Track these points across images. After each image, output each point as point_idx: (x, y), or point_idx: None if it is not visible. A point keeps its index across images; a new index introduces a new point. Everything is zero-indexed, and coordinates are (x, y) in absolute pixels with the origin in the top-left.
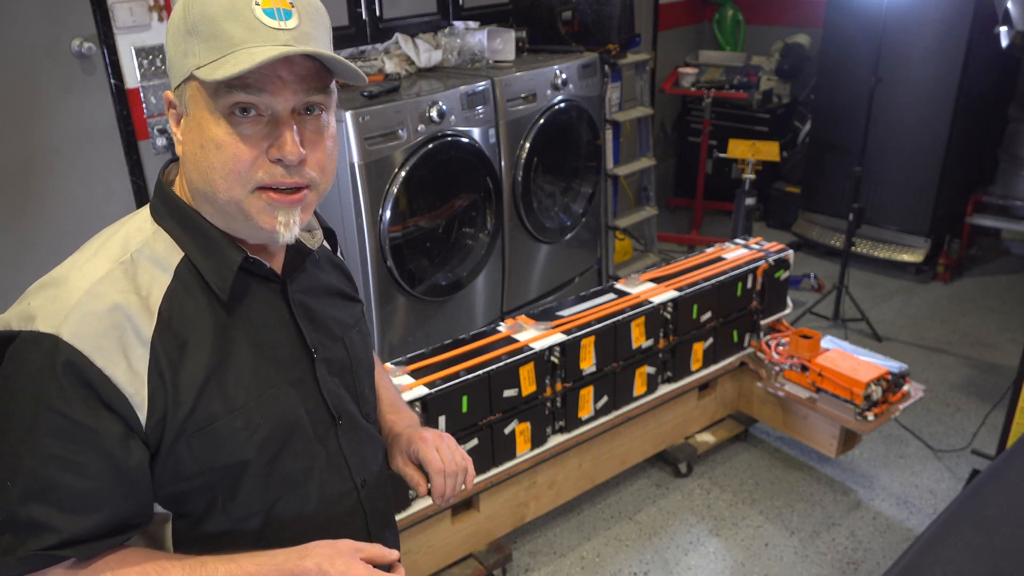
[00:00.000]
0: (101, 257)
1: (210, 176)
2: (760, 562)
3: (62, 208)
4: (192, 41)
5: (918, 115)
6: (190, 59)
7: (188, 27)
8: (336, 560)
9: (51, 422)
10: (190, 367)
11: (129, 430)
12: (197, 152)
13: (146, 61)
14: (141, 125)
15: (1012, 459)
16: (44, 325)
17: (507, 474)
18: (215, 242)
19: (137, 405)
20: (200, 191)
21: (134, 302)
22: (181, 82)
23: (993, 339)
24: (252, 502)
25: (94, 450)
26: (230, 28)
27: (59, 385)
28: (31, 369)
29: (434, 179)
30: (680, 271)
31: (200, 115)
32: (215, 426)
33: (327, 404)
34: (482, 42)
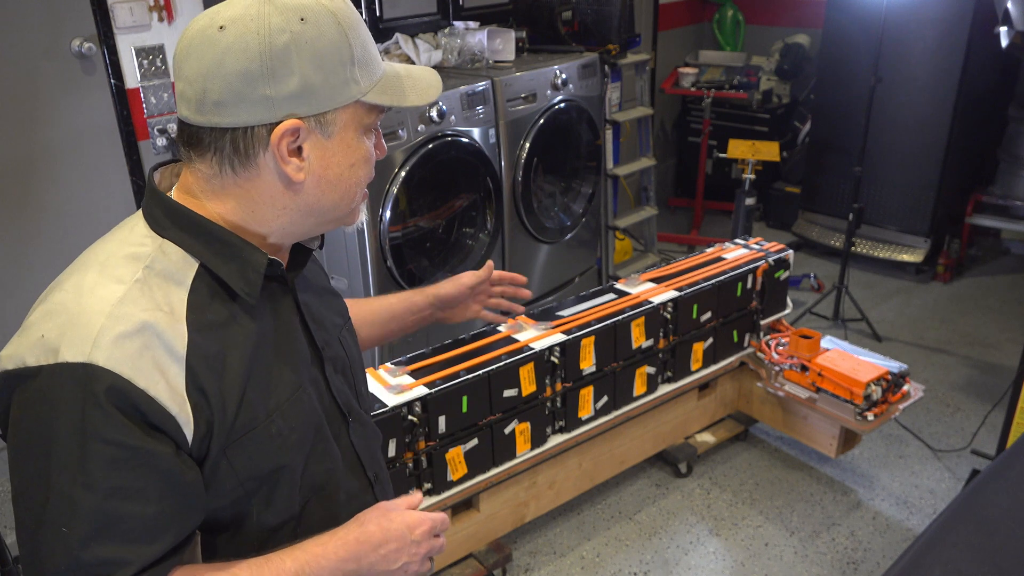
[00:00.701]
0: (109, 278)
1: (351, 191)
2: (760, 562)
3: (62, 208)
4: (357, 70)
5: (918, 115)
6: (353, 87)
7: (353, 56)
8: (391, 514)
9: (103, 453)
10: (229, 377)
11: (178, 448)
12: (345, 173)
13: (146, 61)
14: (141, 125)
15: (1012, 459)
16: (73, 354)
17: (507, 474)
18: (235, 247)
19: (183, 423)
20: (320, 208)
21: (161, 319)
22: (331, 109)
23: (993, 339)
24: (286, 508)
25: (152, 473)
26: (375, 52)
27: (104, 413)
28: (69, 402)
29: (434, 179)
30: (680, 271)
31: (351, 136)
32: (255, 432)
33: (338, 403)
34: (482, 42)
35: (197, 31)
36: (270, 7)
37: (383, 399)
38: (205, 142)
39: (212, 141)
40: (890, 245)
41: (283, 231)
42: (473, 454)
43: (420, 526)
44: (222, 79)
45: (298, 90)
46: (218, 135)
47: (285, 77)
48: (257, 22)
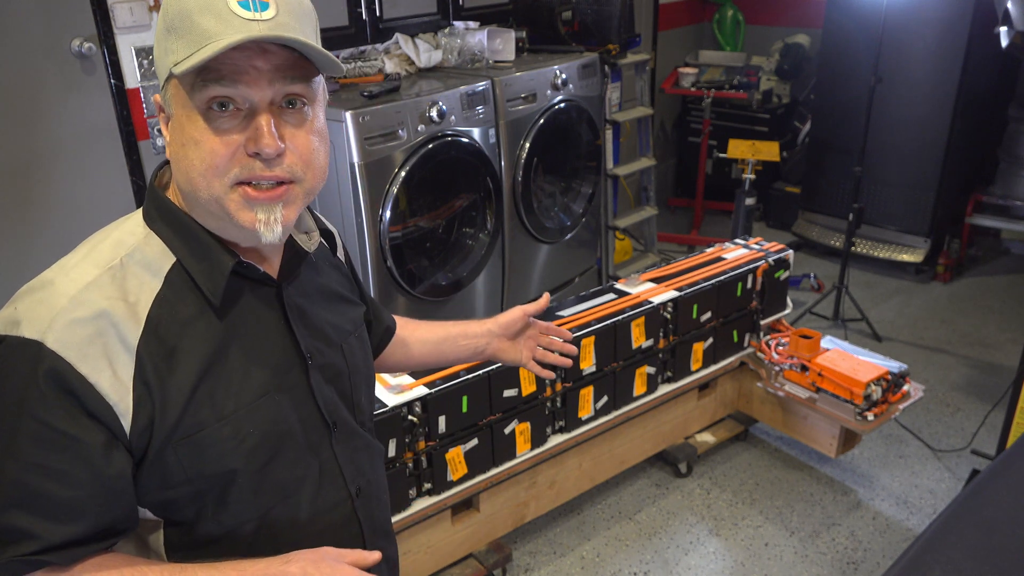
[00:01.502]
0: (90, 262)
1: (191, 175)
2: (760, 562)
3: (62, 208)
4: (171, 39)
5: (918, 115)
6: (170, 57)
7: (167, 25)
8: (321, 564)
9: (33, 430)
10: (179, 374)
11: (112, 438)
12: (179, 152)
13: (146, 61)
14: (141, 125)
15: (1012, 459)
16: (29, 331)
17: (507, 474)
18: (206, 246)
19: (121, 413)
20: (185, 192)
21: (120, 308)
22: (164, 82)
23: (993, 339)
24: (243, 511)
25: (76, 459)
26: (203, 21)
27: (41, 393)
28: (14, 376)
29: (434, 179)
30: (680, 271)
31: (181, 113)
32: (203, 434)
33: (321, 412)
34: (482, 42)
35: None
36: None
37: (383, 399)
38: None
39: None
40: (890, 245)
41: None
42: (473, 454)
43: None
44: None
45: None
46: None
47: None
48: None
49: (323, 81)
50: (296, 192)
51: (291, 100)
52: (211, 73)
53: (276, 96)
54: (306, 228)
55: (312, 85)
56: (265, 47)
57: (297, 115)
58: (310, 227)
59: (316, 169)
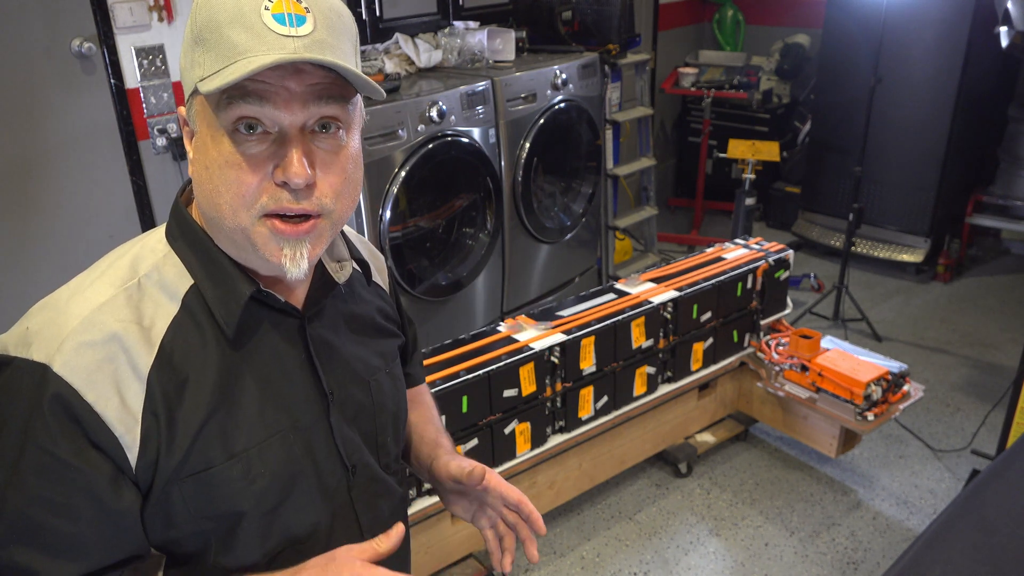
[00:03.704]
0: (106, 280)
1: (215, 200)
2: (760, 562)
3: (62, 208)
4: (199, 51)
5: (918, 115)
6: (196, 70)
7: (195, 35)
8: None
9: (37, 460)
10: (188, 407)
11: (118, 471)
12: (203, 174)
13: (146, 61)
14: (141, 125)
15: (1012, 459)
16: (38, 353)
17: (507, 474)
18: (225, 272)
19: (127, 445)
20: (208, 216)
21: (133, 332)
22: (189, 96)
23: (993, 339)
24: (248, 555)
25: (81, 492)
26: (234, 35)
27: (45, 421)
28: (20, 400)
29: (434, 179)
30: (680, 271)
31: (205, 132)
32: (211, 472)
33: (340, 453)
34: (482, 42)
35: None
36: None
37: None
38: None
39: None
40: (890, 245)
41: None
42: (473, 454)
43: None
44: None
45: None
46: None
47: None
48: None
49: (361, 101)
50: (324, 226)
51: (325, 124)
52: (238, 91)
53: (309, 119)
54: (338, 256)
55: (349, 107)
56: (300, 67)
57: (331, 140)
58: (342, 256)
59: (347, 199)
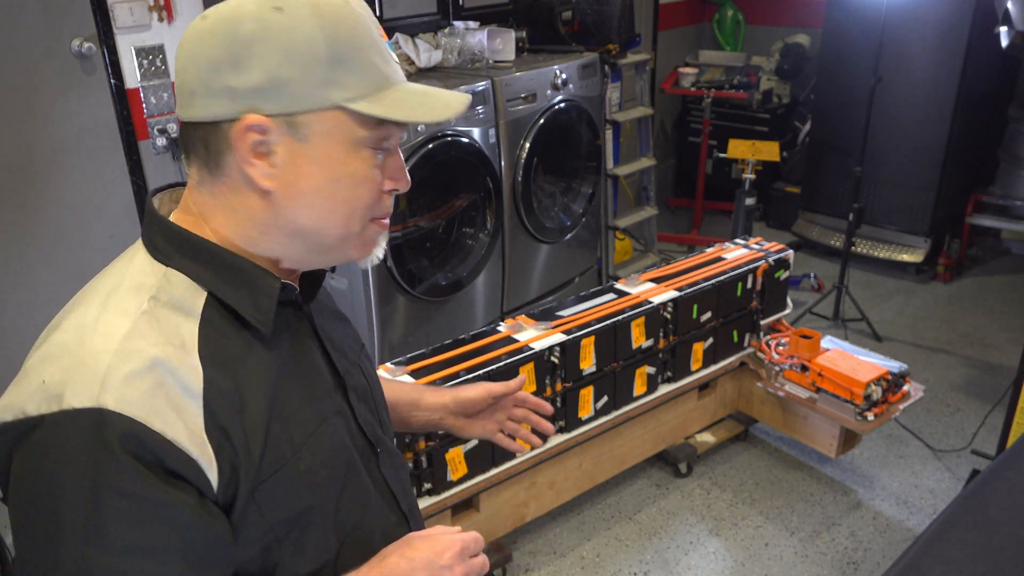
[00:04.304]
0: (114, 312)
1: (333, 212)
2: (760, 562)
3: (62, 208)
4: (338, 70)
5: (918, 115)
6: (334, 90)
7: (331, 53)
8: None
9: (117, 507)
10: (251, 413)
11: (201, 496)
12: (325, 187)
13: (146, 61)
14: (141, 125)
15: (1012, 459)
16: (78, 399)
17: (507, 474)
18: (246, 272)
19: (206, 466)
20: (295, 229)
21: (172, 354)
22: (305, 111)
23: (993, 339)
24: (321, 552)
25: (173, 528)
26: (375, 59)
27: (119, 462)
28: (78, 454)
29: (434, 179)
30: (680, 271)
31: (336, 148)
32: (283, 471)
33: (365, 433)
34: (482, 42)
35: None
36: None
37: None
38: (188, 142)
39: (189, 139)
40: (890, 245)
41: (274, 253)
42: (473, 454)
43: (449, 549)
44: (195, 67)
45: (262, 83)
46: (192, 131)
47: (248, 67)
48: (232, 9)
49: None
50: None
51: None
52: None
53: None
54: None
55: None
56: None
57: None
58: None
59: None
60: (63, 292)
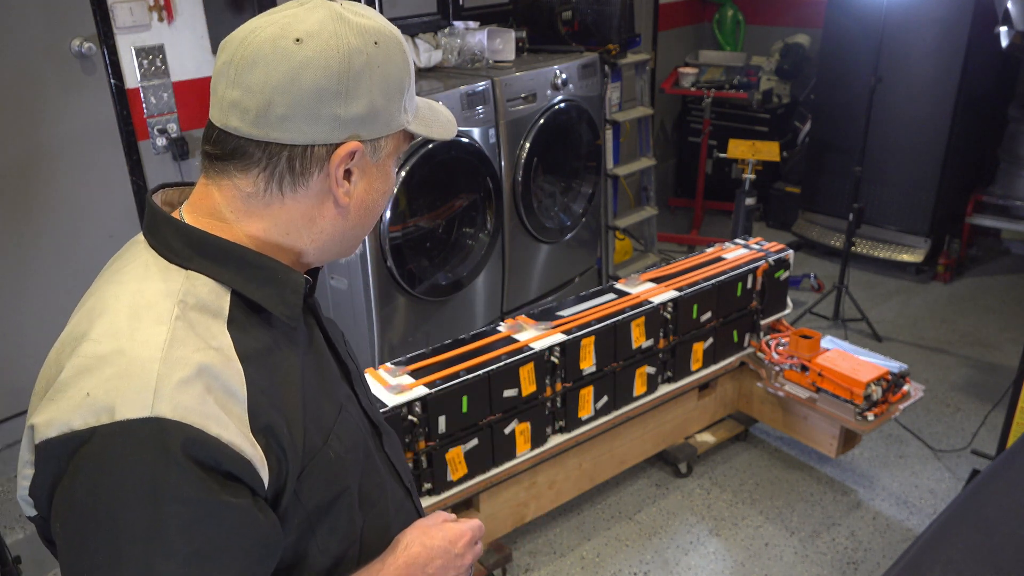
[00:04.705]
0: (150, 320)
1: (374, 220)
2: (760, 562)
3: (62, 208)
4: (406, 97)
5: (918, 115)
6: (403, 114)
7: (407, 84)
8: (431, 531)
9: (180, 514)
10: (288, 408)
11: (255, 495)
12: (379, 200)
13: (146, 61)
14: (141, 125)
15: (1012, 459)
16: (133, 410)
17: (507, 474)
18: (270, 270)
19: (259, 466)
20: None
21: (213, 357)
22: (386, 135)
23: (993, 339)
24: (349, 532)
25: (234, 529)
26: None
27: (181, 470)
28: (137, 465)
29: (434, 179)
30: (680, 271)
31: (390, 163)
32: (316, 461)
33: (368, 416)
34: (482, 42)
35: (267, 40)
36: (345, 27)
37: (383, 399)
38: (255, 157)
39: (265, 156)
40: (890, 245)
41: (312, 255)
42: (473, 454)
43: (461, 538)
44: (294, 94)
45: (365, 113)
46: (274, 150)
47: (356, 98)
48: (336, 40)
49: None
50: None
51: None
52: None
53: None
54: None
55: None
56: None
57: None
58: None
59: None
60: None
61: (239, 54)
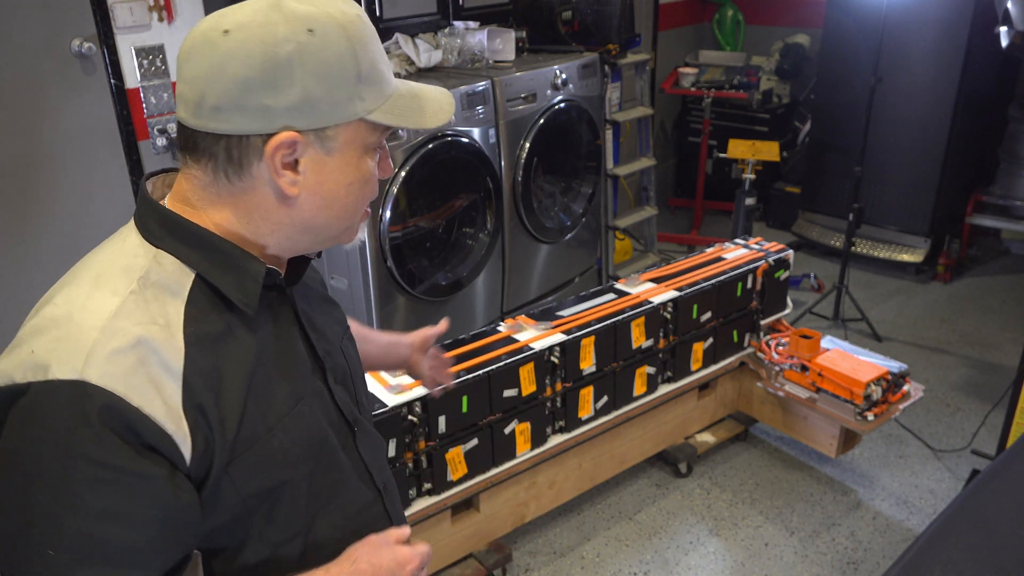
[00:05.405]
0: (105, 291)
1: (345, 212)
2: (760, 562)
3: (62, 208)
4: (362, 85)
5: (918, 115)
6: (358, 103)
7: (358, 72)
8: (382, 551)
9: (90, 475)
10: (228, 393)
11: (174, 469)
12: (341, 191)
13: (146, 61)
14: (141, 125)
15: (1012, 459)
16: (64, 371)
17: (507, 474)
18: (233, 257)
19: (180, 441)
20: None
21: (156, 333)
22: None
23: (993, 339)
24: (291, 524)
25: (142, 497)
26: (384, 69)
27: (95, 433)
28: (57, 422)
29: (434, 179)
30: (680, 271)
31: (352, 155)
32: (255, 448)
33: (342, 413)
34: (482, 42)
35: (201, 33)
36: (278, 15)
37: (383, 399)
38: (201, 147)
39: (207, 146)
40: (890, 245)
41: (279, 245)
42: (473, 454)
43: (409, 563)
44: (221, 84)
45: (298, 102)
46: (213, 141)
47: (285, 88)
48: (263, 29)
49: None
50: None
51: None
52: None
53: None
54: None
55: None
56: None
57: None
58: None
59: None
60: None
61: (182, 48)
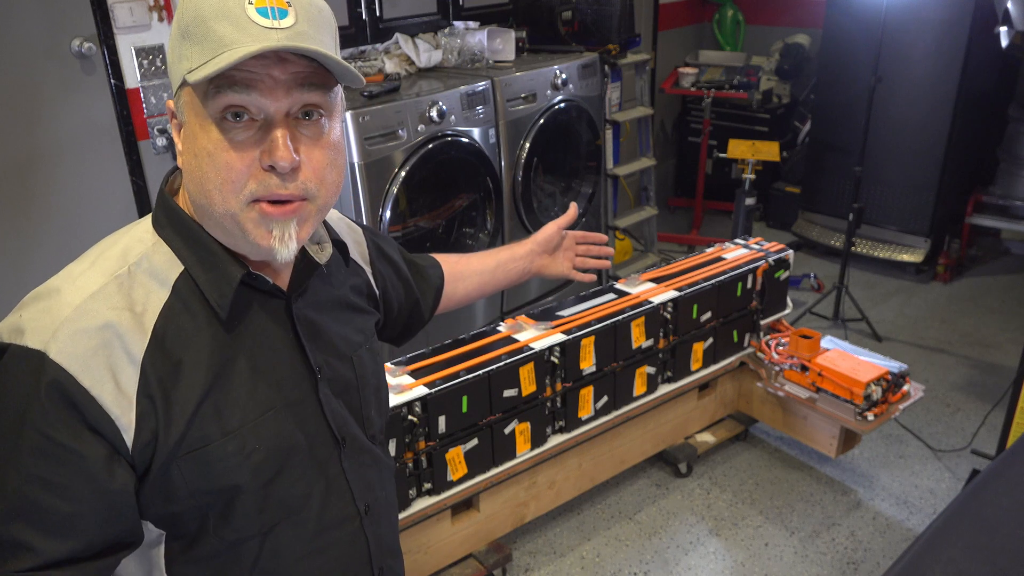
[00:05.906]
0: (97, 269)
1: (205, 187)
2: (760, 562)
3: (62, 208)
4: (185, 45)
5: (918, 115)
6: (183, 63)
7: (182, 30)
8: None
9: (34, 442)
10: (184, 388)
11: (114, 452)
12: (192, 163)
13: (146, 61)
14: (141, 125)
15: (1012, 459)
16: (32, 340)
17: (507, 474)
18: (216, 256)
19: (124, 427)
20: (198, 204)
21: (126, 319)
22: (177, 88)
23: (993, 339)
24: (246, 526)
25: (76, 473)
26: (219, 28)
27: (42, 405)
28: (16, 386)
29: (434, 179)
30: (680, 271)
31: (194, 122)
32: (207, 449)
33: (330, 426)
34: (482, 42)
35: None
36: None
37: None
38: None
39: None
40: (890, 245)
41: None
42: (473, 454)
43: None
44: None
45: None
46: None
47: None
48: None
49: (341, 92)
50: (309, 209)
51: (308, 111)
52: (225, 80)
53: (293, 107)
54: (319, 239)
55: (330, 96)
56: (283, 56)
57: (314, 127)
58: (322, 238)
59: (329, 185)
60: None
61: None
